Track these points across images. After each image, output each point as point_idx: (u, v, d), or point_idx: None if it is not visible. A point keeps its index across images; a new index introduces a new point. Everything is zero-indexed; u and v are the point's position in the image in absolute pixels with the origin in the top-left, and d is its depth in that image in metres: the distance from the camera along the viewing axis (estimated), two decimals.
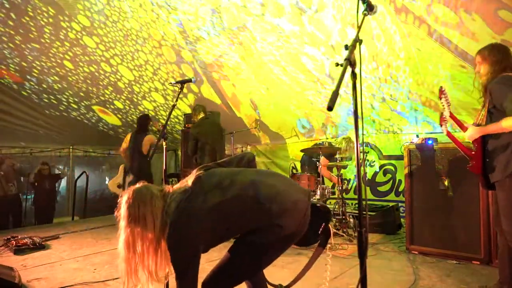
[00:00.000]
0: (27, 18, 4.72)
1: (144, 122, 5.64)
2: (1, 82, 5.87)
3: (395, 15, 3.70)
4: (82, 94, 6.53)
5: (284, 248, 1.78)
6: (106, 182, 9.14)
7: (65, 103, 6.75)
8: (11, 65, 5.55)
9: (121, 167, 5.63)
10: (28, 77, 5.88)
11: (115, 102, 6.86)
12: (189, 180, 1.78)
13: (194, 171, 1.82)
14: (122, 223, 1.69)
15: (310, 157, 5.29)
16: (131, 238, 1.66)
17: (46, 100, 6.54)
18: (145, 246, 1.67)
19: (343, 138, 5.22)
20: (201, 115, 4.91)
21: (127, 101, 6.87)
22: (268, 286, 2.17)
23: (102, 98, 6.71)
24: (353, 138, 1.52)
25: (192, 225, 1.64)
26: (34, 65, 5.62)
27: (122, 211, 1.70)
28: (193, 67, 5.69)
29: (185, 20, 4.68)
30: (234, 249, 1.77)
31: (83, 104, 6.84)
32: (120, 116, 7.44)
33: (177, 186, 1.82)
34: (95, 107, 7.01)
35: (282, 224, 1.66)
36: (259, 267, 1.84)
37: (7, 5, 4.46)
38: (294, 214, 1.72)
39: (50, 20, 4.78)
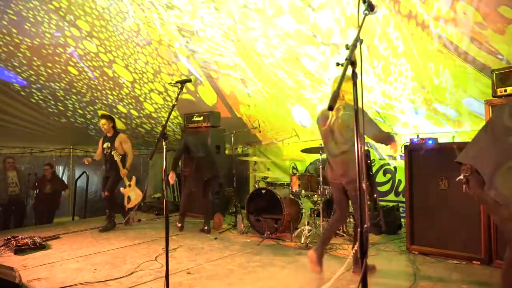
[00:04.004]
0: (29, 25, 4.72)
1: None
2: (10, 87, 5.86)
3: (398, 18, 3.70)
4: (87, 99, 6.53)
5: None
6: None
7: (71, 109, 6.76)
8: (18, 70, 5.54)
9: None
10: (35, 84, 5.88)
11: (118, 106, 6.86)
12: None
13: None
14: None
15: None
16: None
17: (53, 107, 6.54)
18: None
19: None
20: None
21: (130, 105, 6.87)
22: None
23: (106, 102, 6.70)
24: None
25: None
26: (40, 71, 5.62)
27: None
28: (191, 67, 5.68)
29: (183, 18, 4.68)
30: None
31: (88, 109, 6.84)
32: (124, 120, 7.44)
33: None
34: (100, 112, 7.02)
35: None
36: None
37: (10, 11, 4.46)
38: None
39: (52, 26, 4.78)
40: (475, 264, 3.47)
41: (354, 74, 1.44)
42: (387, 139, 3.20)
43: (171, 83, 3.70)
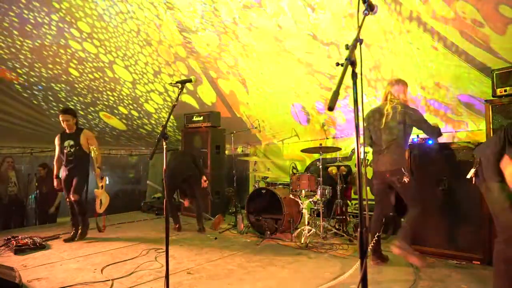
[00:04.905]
0: (30, 27, 4.72)
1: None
2: (11, 88, 5.85)
3: (399, 19, 3.69)
4: (88, 100, 6.52)
5: None
6: (106, 182, 9.12)
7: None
8: (19, 71, 5.54)
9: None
10: (37, 85, 5.87)
11: (119, 107, 6.86)
12: None
13: None
14: None
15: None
16: None
17: (55, 108, 6.53)
18: None
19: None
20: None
21: (130, 106, 6.87)
22: None
23: (106, 103, 6.70)
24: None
25: None
26: (41, 73, 5.62)
27: None
28: (191, 67, 5.68)
29: (182, 18, 4.68)
30: None
31: (89, 110, 6.83)
32: (125, 121, 7.43)
33: None
34: (101, 113, 7.01)
35: None
36: None
37: (11, 13, 4.46)
38: None
39: (53, 28, 4.78)
40: (474, 264, 3.47)
41: (354, 74, 1.44)
42: (439, 134, 3.59)
43: (171, 83, 3.69)
